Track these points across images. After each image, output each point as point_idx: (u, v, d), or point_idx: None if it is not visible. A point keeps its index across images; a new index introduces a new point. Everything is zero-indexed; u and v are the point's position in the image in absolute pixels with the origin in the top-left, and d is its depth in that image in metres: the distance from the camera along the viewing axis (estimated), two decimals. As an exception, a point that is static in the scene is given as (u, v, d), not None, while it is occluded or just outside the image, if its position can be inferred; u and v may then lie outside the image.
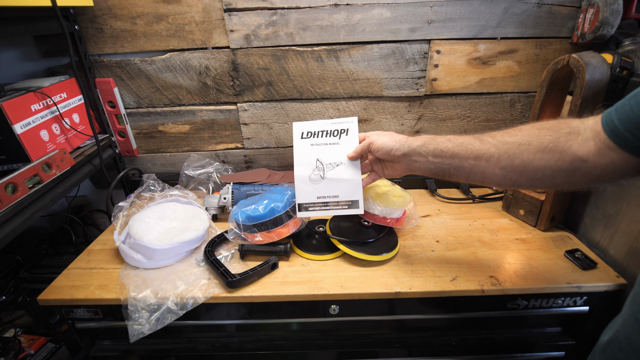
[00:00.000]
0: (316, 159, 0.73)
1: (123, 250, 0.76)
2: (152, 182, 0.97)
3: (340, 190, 0.71)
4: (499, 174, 0.54)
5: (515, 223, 0.90)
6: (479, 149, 0.54)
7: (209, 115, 1.06)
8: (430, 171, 0.62)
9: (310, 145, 0.74)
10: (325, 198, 0.71)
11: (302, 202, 0.72)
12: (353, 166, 0.72)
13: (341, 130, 0.74)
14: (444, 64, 0.98)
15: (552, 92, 0.82)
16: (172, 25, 0.94)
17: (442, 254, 0.79)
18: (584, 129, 0.47)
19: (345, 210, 0.71)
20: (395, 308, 0.75)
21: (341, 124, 0.74)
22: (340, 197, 0.72)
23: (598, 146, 0.45)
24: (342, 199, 0.72)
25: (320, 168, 0.72)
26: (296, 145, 0.75)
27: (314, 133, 0.75)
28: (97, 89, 0.99)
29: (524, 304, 0.72)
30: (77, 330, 0.75)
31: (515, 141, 0.52)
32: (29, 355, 0.91)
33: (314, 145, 0.74)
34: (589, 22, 0.85)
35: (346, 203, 0.72)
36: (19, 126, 0.74)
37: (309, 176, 0.72)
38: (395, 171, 0.68)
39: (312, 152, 0.74)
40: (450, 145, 0.58)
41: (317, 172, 0.72)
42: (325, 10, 0.92)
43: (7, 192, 0.66)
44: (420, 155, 0.62)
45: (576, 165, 0.47)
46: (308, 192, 0.72)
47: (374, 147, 0.66)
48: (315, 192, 0.72)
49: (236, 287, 0.70)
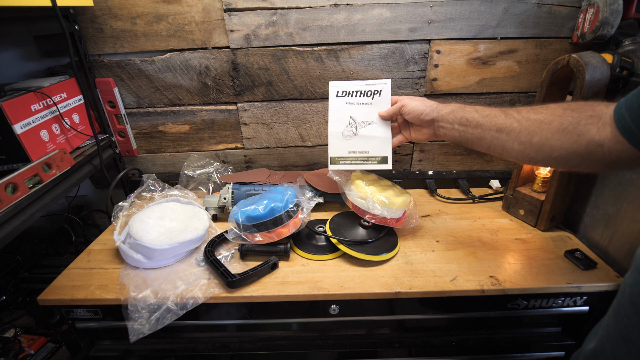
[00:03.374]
0: (349, 116, 0.77)
1: (123, 250, 0.76)
2: (152, 182, 0.97)
3: (371, 146, 0.75)
4: (517, 148, 0.55)
5: (515, 223, 0.90)
6: (502, 123, 0.56)
7: (209, 115, 1.06)
8: (454, 138, 0.65)
9: (344, 104, 0.78)
10: (357, 153, 0.75)
11: (334, 155, 0.75)
12: (384, 125, 0.76)
13: (374, 91, 0.78)
14: (444, 64, 0.98)
15: (552, 92, 0.82)
16: (172, 25, 0.94)
17: (442, 254, 0.79)
18: (606, 113, 0.46)
19: (374, 165, 0.74)
20: (395, 308, 0.75)
21: (375, 85, 0.78)
22: (371, 153, 0.75)
23: (614, 133, 0.44)
24: (372, 155, 0.75)
25: (353, 125, 0.76)
26: (331, 103, 0.79)
27: (349, 92, 0.79)
28: (97, 89, 0.99)
29: (524, 304, 0.72)
30: (77, 330, 0.75)
31: (537, 118, 0.52)
32: (29, 355, 0.91)
33: (348, 103, 0.78)
34: (589, 22, 0.85)
35: (376, 158, 0.75)
36: (19, 126, 0.74)
37: (342, 132, 0.76)
38: (422, 135, 0.72)
39: (346, 109, 0.78)
40: (477, 116, 0.60)
41: (350, 129, 0.76)
42: (325, 10, 0.92)
43: (7, 192, 0.66)
44: (447, 122, 0.65)
45: (591, 149, 0.47)
46: (340, 146, 0.75)
47: (405, 110, 0.70)
48: (347, 147, 0.75)
49: (236, 287, 0.70)
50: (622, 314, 0.36)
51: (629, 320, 0.35)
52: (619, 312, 0.37)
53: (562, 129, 0.49)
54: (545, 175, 0.86)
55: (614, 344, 0.37)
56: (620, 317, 0.37)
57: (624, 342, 0.35)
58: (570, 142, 0.49)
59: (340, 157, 0.75)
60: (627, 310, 0.35)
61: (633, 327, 0.34)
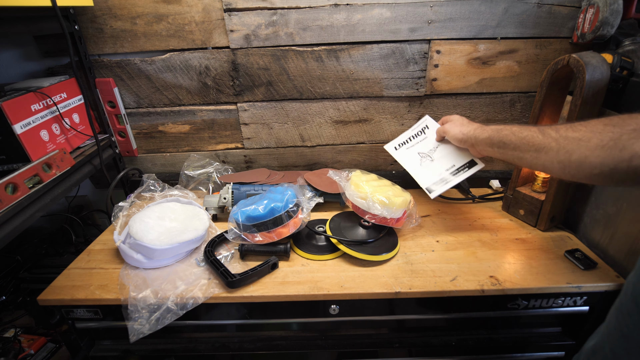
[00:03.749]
0: (417, 153, 0.85)
1: (123, 250, 0.76)
2: (152, 182, 0.97)
3: (453, 160, 0.81)
4: (557, 167, 0.54)
5: (515, 223, 0.90)
6: (540, 143, 0.56)
7: (209, 115, 1.06)
8: (497, 157, 0.69)
9: (406, 150, 0.89)
10: (445, 172, 0.79)
11: (429, 185, 0.78)
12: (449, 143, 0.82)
13: (422, 128, 0.89)
14: (444, 64, 0.98)
15: (552, 92, 0.82)
16: (172, 25, 0.94)
17: (442, 254, 0.79)
18: None
19: (468, 172, 0.78)
20: (395, 308, 0.75)
21: (419, 126, 0.90)
22: (457, 164, 0.79)
23: None
24: (460, 165, 0.79)
25: (425, 156, 0.84)
26: (397, 157, 0.90)
27: (403, 143, 0.91)
28: (97, 89, 0.99)
29: (524, 304, 0.72)
30: (77, 330, 0.75)
31: (576, 137, 0.51)
32: (29, 355, 0.91)
33: (409, 148, 0.89)
34: (589, 22, 0.85)
35: (465, 166, 0.79)
36: (19, 126, 0.74)
37: (421, 165, 0.82)
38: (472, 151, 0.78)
39: (411, 153, 0.87)
40: (514, 138, 0.62)
41: (426, 160, 0.83)
42: (325, 10, 0.92)
43: (7, 192, 0.66)
44: (486, 145, 0.69)
45: (636, 163, 0.44)
46: (428, 175, 0.79)
47: (448, 137, 0.78)
48: (434, 172, 0.80)
49: (236, 287, 0.70)
50: (623, 312, 0.36)
51: (631, 318, 0.35)
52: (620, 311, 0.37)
53: (602, 145, 0.48)
54: (546, 176, 0.86)
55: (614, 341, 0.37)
56: (622, 316, 0.36)
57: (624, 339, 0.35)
58: (611, 157, 0.47)
59: (434, 183, 0.79)
60: (629, 308, 0.35)
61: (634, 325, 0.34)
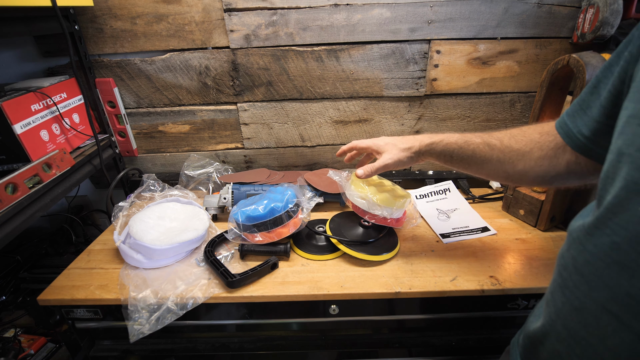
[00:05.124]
0: (436, 208, 0.97)
1: (123, 250, 0.76)
2: (152, 182, 0.97)
3: (467, 222, 0.90)
4: (502, 175, 0.58)
5: (515, 223, 0.90)
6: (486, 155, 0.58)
7: (209, 115, 1.06)
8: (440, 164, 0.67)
9: (426, 202, 1.01)
10: (459, 228, 0.88)
11: (443, 232, 0.86)
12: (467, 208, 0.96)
13: (444, 189, 1.03)
14: (444, 64, 0.98)
15: (552, 92, 0.82)
16: (172, 25, 0.94)
17: (442, 254, 0.79)
18: None
19: (480, 234, 0.86)
20: (395, 308, 0.75)
21: (441, 186, 1.04)
22: (471, 226, 0.88)
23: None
24: (473, 227, 0.88)
25: (442, 212, 0.95)
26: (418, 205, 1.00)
27: (423, 195, 1.03)
28: (97, 89, 0.99)
29: (524, 304, 0.72)
30: (77, 330, 0.75)
31: (519, 148, 0.55)
32: (29, 355, 0.91)
33: (429, 202, 1.01)
34: (589, 22, 0.85)
35: (479, 229, 0.87)
36: (19, 126, 0.74)
37: (438, 218, 0.93)
38: None
39: (430, 206, 0.99)
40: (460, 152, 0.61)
41: (443, 216, 0.93)
42: (325, 10, 0.92)
43: (7, 192, 0.66)
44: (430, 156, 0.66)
45: (571, 168, 0.50)
46: (444, 226, 0.89)
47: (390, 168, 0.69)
48: (449, 226, 0.89)
49: (236, 287, 0.70)
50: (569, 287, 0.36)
51: (579, 290, 0.35)
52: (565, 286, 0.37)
53: (543, 155, 0.52)
54: (545, 175, 0.86)
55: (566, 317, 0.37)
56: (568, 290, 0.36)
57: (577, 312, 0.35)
58: (552, 167, 0.52)
59: (448, 233, 0.86)
60: (575, 281, 0.35)
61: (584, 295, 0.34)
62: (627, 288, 0.30)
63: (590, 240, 0.34)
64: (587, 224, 0.35)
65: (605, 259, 0.32)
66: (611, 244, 0.31)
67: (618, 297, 0.31)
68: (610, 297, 0.31)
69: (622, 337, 0.30)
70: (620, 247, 0.30)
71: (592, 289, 0.33)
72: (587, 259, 0.34)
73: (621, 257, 0.30)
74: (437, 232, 0.87)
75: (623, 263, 0.30)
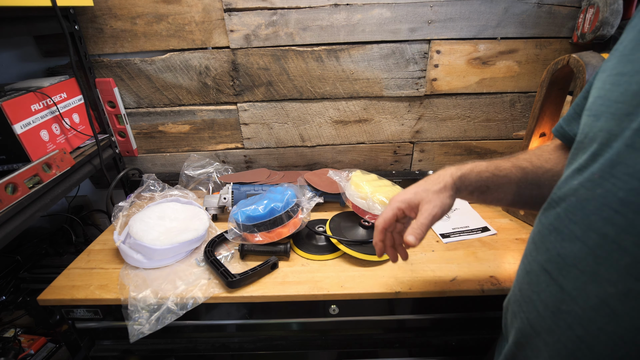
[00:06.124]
0: None
1: (123, 250, 0.76)
2: (152, 182, 0.97)
3: (467, 221, 0.91)
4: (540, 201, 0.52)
5: (515, 223, 0.90)
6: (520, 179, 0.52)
7: (209, 115, 1.06)
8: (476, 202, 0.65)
9: None
10: (459, 228, 0.89)
11: (443, 232, 0.87)
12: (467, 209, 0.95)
13: None
14: (444, 64, 0.98)
15: (552, 92, 0.82)
16: (172, 25, 0.94)
17: (442, 254, 0.79)
18: None
19: (480, 234, 0.86)
20: (395, 308, 0.75)
21: None
22: (471, 226, 0.89)
23: None
24: (473, 227, 0.89)
25: None
26: None
27: None
28: (97, 89, 0.99)
29: (524, 304, 0.72)
30: (77, 330, 0.75)
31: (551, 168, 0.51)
32: (29, 355, 0.91)
33: None
34: (589, 22, 0.85)
35: (479, 229, 0.88)
36: (19, 126, 0.74)
37: None
38: None
39: None
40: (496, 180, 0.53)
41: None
42: (325, 10, 0.92)
43: (7, 192, 0.66)
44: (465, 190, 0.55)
45: None
46: (444, 226, 0.90)
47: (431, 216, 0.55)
48: (449, 225, 0.90)
49: (236, 287, 0.70)
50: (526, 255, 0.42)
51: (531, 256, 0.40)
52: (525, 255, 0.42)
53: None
54: (545, 175, 0.86)
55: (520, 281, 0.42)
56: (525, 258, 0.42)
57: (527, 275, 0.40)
58: None
59: (448, 233, 0.87)
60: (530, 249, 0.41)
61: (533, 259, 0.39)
62: (558, 249, 0.35)
63: (543, 214, 0.40)
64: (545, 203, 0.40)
65: (549, 227, 0.37)
66: (555, 215, 0.37)
67: (552, 257, 0.36)
68: (548, 258, 0.37)
69: (551, 290, 0.35)
70: (559, 216, 0.36)
71: (538, 253, 0.38)
72: (540, 229, 0.40)
73: (558, 224, 0.36)
74: (437, 232, 0.87)
75: (559, 229, 0.35)
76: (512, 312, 0.43)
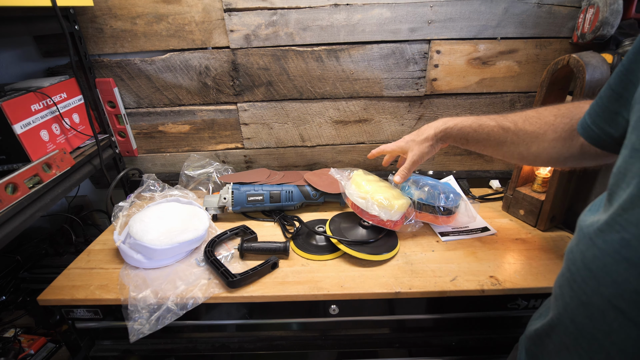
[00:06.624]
0: None
1: (123, 250, 0.76)
2: (152, 182, 0.97)
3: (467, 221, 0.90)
4: (516, 157, 0.60)
5: (515, 223, 0.90)
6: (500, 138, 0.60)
7: (209, 115, 1.06)
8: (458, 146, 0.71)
9: None
10: (460, 228, 0.89)
11: (443, 232, 0.87)
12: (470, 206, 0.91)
13: None
14: (444, 64, 0.98)
15: (552, 92, 0.82)
16: (172, 25, 0.94)
17: (442, 254, 0.79)
18: None
19: (480, 234, 0.86)
20: (395, 308, 0.75)
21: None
22: (471, 226, 0.89)
23: None
24: (473, 227, 0.88)
25: None
26: None
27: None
28: (97, 89, 0.99)
29: (524, 304, 0.72)
30: (77, 330, 0.75)
31: (533, 130, 0.56)
32: (29, 355, 0.91)
33: None
34: (589, 22, 0.85)
35: (478, 229, 0.88)
36: (19, 126, 0.74)
37: None
38: None
39: None
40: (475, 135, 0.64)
41: None
42: (325, 10, 0.92)
43: (7, 192, 0.66)
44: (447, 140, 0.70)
45: (585, 149, 0.50)
46: (444, 226, 0.90)
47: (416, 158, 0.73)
48: (449, 225, 0.90)
49: (236, 287, 0.70)
50: (577, 281, 0.36)
51: (587, 285, 0.35)
52: (574, 280, 0.37)
53: (557, 137, 0.53)
54: (545, 175, 0.86)
55: (573, 311, 0.37)
56: (576, 285, 0.37)
57: (584, 307, 0.35)
58: (566, 148, 0.52)
59: (448, 232, 0.87)
60: (584, 275, 0.35)
61: (592, 291, 0.34)
62: (635, 285, 0.30)
63: (599, 236, 0.34)
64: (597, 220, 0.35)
65: (614, 256, 0.31)
66: (621, 240, 0.31)
67: (625, 294, 0.30)
68: (618, 293, 0.31)
69: (628, 332, 0.30)
70: (630, 244, 0.30)
71: (600, 284, 0.33)
72: (596, 254, 0.34)
73: (631, 254, 0.30)
74: (437, 232, 0.87)
75: (632, 260, 0.30)
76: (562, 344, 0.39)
